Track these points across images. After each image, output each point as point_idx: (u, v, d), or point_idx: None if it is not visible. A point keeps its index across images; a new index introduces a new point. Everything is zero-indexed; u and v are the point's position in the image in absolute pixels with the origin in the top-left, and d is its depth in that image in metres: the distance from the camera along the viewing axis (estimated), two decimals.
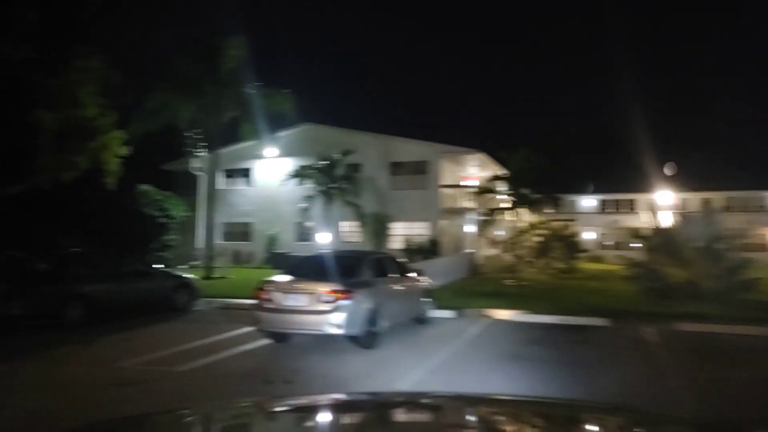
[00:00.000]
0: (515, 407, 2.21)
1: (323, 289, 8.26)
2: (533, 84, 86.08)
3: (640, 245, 18.56)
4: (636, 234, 19.45)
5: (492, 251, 27.27)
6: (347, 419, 2.08)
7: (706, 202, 42.55)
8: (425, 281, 11.56)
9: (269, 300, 8.63)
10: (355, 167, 24.15)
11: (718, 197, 42.66)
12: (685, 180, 39.05)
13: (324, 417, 2.07)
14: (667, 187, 37.19)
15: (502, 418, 2.05)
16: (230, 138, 22.61)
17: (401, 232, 24.90)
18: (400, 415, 2.10)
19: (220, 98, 20.25)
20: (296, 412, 2.14)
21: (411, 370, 7.34)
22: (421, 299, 11.04)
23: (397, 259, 11.27)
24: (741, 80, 69.20)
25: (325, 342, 8.73)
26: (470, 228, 26.55)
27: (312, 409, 2.19)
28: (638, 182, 38.66)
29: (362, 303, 8.50)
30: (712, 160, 41.65)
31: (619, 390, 6.45)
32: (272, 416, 2.08)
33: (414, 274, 11.10)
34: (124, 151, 19.61)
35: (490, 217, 24.44)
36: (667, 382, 6.82)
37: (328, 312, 8.12)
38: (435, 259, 21.24)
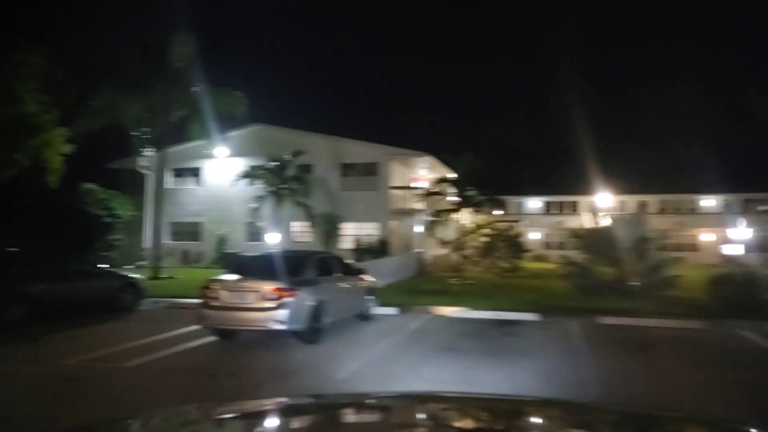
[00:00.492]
0: (515, 407, 2.25)
1: (268, 287, 8.64)
2: (482, 89, 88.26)
3: (577, 245, 19.76)
4: (573, 234, 20.68)
5: (440, 251, 28.13)
6: (346, 419, 2.08)
7: (641, 205, 45.28)
8: (369, 280, 12.08)
9: (215, 298, 8.93)
10: (306, 168, 24.46)
11: (653, 200, 45.29)
12: (623, 183, 41.28)
13: (322, 417, 2.09)
14: (606, 189, 39.22)
15: (502, 418, 2.06)
16: (179, 137, 22.48)
17: (352, 233, 25.35)
18: (400, 415, 2.09)
19: (168, 97, 20.15)
20: (294, 413, 2.15)
21: (350, 363, 7.83)
22: (365, 297, 11.56)
23: (342, 259, 11.73)
24: (676, 90, 73.27)
25: (270, 338, 9.11)
26: (419, 228, 27.29)
27: (310, 410, 2.19)
28: (581, 185, 40.52)
29: (305, 300, 8.93)
30: (649, 164, 44.20)
31: (534, 375, 7.16)
32: (270, 416, 2.08)
33: (358, 273, 11.60)
34: (67, 148, 19.25)
35: (438, 218, 25.23)
36: (579, 368, 7.58)
37: (272, 309, 8.50)
38: (384, 259, 21.81)
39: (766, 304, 12.11)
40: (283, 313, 8.47)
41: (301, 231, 24.95)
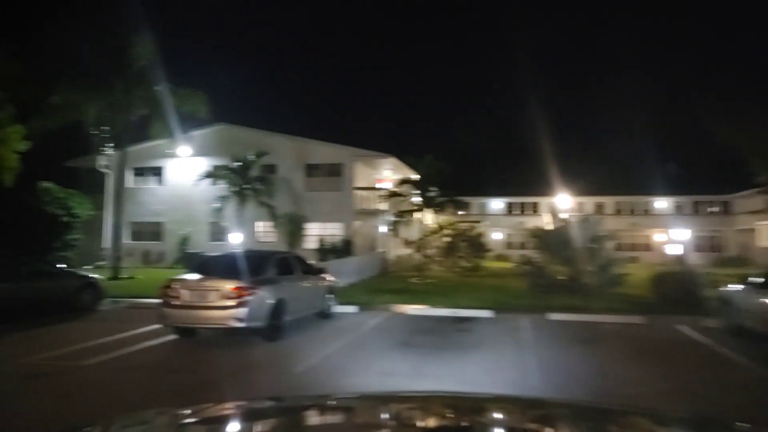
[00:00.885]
0: (514, 407, 2.27)
1: (228, 286, 8.86)
2: (447, 92, 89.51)
3: (534, 245, 20.48)
4: (532, 234, 21.40)
5: (403, 251, 28.62)
6: (344, 419, 2.09)
7: (599, 206, 46.88)
8: (329, 279, 12.39)
9: (176, 297, 9.09)
10: (270, 168, 24.58)
11: (609, 201, 46.93)
12: (581, 185, 42.69)
13: (321, 417, 2.09)
14: (565, 191, 40.52)
15: (502, 418, 2.06)
16: (141, 136, 22.30)
17: (316, 233, 25.56)
18: (399, 415, 2.09)
19: (129, 96, 19.99)
20: (292, 413, 2.16)
21: (308, 358, 8.14)
22: (326, 296, 11.87)
23: (302, 259, 11.99)
24: (632, 96, 75.90)
25: (230, 336, 9.34)
26: (383, 229, 27.71)
27: (307, 410, 2.20)
28: (541, 186, 41.68)
29: (266, 299, 9.19)
30: (606, 167, 45.78)
31: (480, 366, 7.62)
32: (268, 416, 2.09)
33: (319, 273, 11.90)
34: (23, 146, 18.90)
35: (401, 218, 25.70)
36: (523, 359, 8.08)
37: (232, 307, 8.73)
38: (347, 259, 22.12)
39: (702, 301, 12.96)
40: (243, 311, 8.71)
41: (265, 231, 25.04)
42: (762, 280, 9.53)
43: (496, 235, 46.88)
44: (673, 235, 35.74)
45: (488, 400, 2.47)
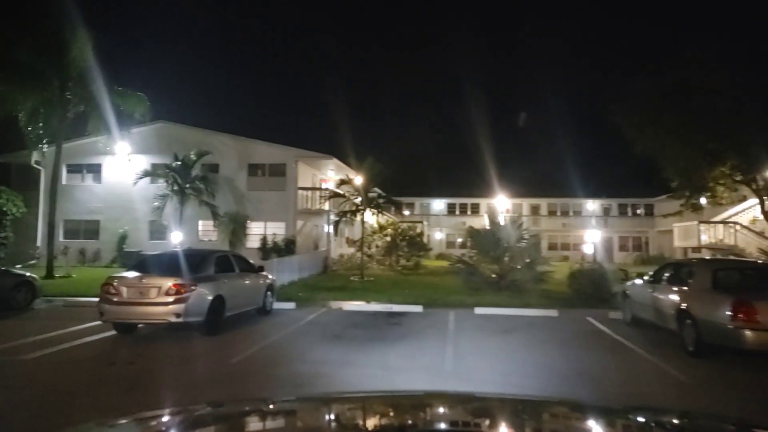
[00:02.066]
0: (514, 406, 2.28)
1: (167, 282, 9.26)
2: (392, 95, 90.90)
3: (468, 244, 21.63)
4: (468, 234, 22.50)
5: (346, 250, 29.31)
6: (342, 419, 2.07)
7: (534, 207, 49.16)
8: (268, 277, 12.89)
9: (116, 294, 9.40)
10: (212, 167, 24.63)
11: (544, 203, 49.31)
12: (518, 187, 44.74)
13: (318, 417, 2.09)
14: (504, 192, 42.35)
15: (501, 418, 2.07)
16: (78, 132, 21.89)
17: (259, 232, 25.79)
18: (398, 415, 2.10)
19: (65, 92, 19.65)
20: (291, 412, 2.17)
21: (245, 350, 8.66)
22: (265, 293, 12.36)
23: (241, 257, 12.43)
24: (565, 105, 79.69)
25: (170, 331, 9.74)
26: (327, 228, 28.24)
27: (306, 409, 2.21)
28: (482, 188, 43.35)
29: (204, 295, 9.64)
30: (541, 170, 48.07)
31: (404, 355, 8.41)
32: (268, 416, 2.10)
33: (258, 271, 12.38)
34: None
35: (343, 218, 26.30)
36: (444, 348, 8.92)
37: (171, 303, 9.14)
38: (290, 257, 22.54)
39: (611, 295, 14.33)
40: (181, 307, 9.13)
41: (207, 230, 25.06)
42: (652, 276, 10.82)
43: (438, 235, 48.37)
44: (590, 236, 38.13)
45: (488, 400, 2.47)
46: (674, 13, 72.72)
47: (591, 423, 2.04)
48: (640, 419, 2.13)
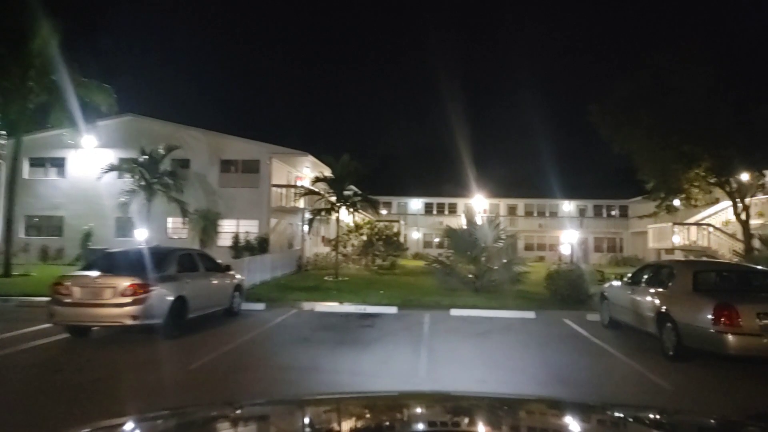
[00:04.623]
0: (513, 406, 2.27)
1: (123, 283, 8.65)
2: (372, 94, 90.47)
3: (445, 244, 21.32)
4: (445, 234, 22.19)
5: (321, 249, 28.75)
6: (342, 419, 2.06)
7: (511, 208, 49.26)
8: (236, 277, 12.32)
9: (67, 294, 8.76)
10: (182, 163, 23.84)
11: (521, 203, 49.44)
12: (496, 187, 44.75)
13: (317, 417, 2.07)
14: (481, 192, 42.26)
15: (501, 417, 2.06)
16: (41, 124, 20.94)
17: (231, 230, 25.10)
18: (399, 415, 2.09)
19: (26, 81, 18.71)
20: (291, 413, 2.15)
21: (206, 354, 8.12)
22: (232, 293, 11.80)
23: (207, 255, 11.85)
24: (544, 106, 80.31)
25: (128, 334, 9.12)
26: (301, 227, 27.65)
27: (305, 409, 2.18)
28: (460, 188, 43.21)
29: (165, 296, 9.06)
30: (519, 171, 48.20)
31: (374, 359, 7.98)
32: (268, 416, 2.09)
33: (224, 270, 11.80)
34: None
35: (319, 216, 25.77)
36: (417, 351, 8.51)
37: (127, 305, 8.54)
38: (262, 256, 21.93)
39: (588, 296, 14.14)
40: (138, 309, 8.54)
41: (176, 227, 24.27)
42: (630, 278, 10.59)
43: (416, 234, 48.10)
44: (567, 236, 38.29)
45: (488, 400, 2.44)
46: (651, 14, 73.81)
47: (580, 421, 2.03)
48: (622, 415, 2.12)
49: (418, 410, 2.18)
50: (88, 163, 24.51)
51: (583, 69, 77.55)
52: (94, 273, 9.24)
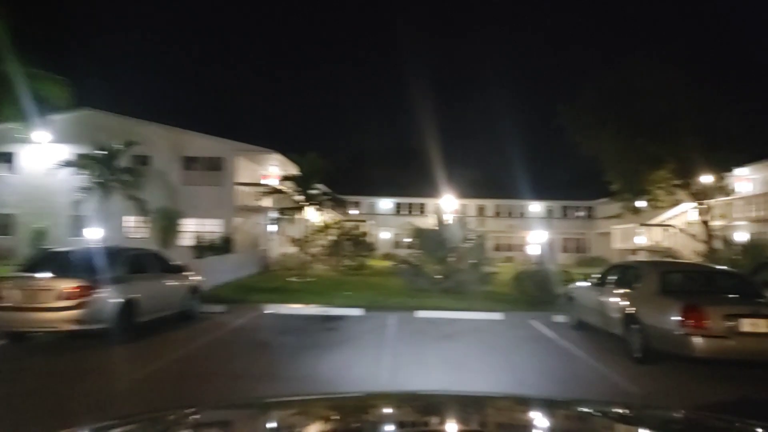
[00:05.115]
0: (506, 406, 2.25)
1: (65, 285, 8.05)
2: (341, 93, 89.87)
3: (413, 244, 21.02)
4: (413, 234, 21.94)
5: (287, 249, 28.13)
6: (341, 419, 2.03)
7: (480, 208, 49.46)
8: (193, 278, 11.75)
9: (4, 298, 8.11)
10: (142, 159, 22.95)
11: (490, 204, 49.68)
12: (465, 188, 44.80)
13: (317, 417, 2.05)
14: (450, 193, 42.24)
15: (499, 417, 2.06)
16: None
17: (194, 229, 24.33)
18: (398, 415, 2.06)
19: None
20: (291, 412, 2.11)
21: (154, 361, 7.60)
22: (188, 295, 11.22)
23: (161, 256, 11.26)
24: (513, 107, 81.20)
25: (72, 340, 8.50)
26: (267, 226, 27.03)
27: (305, 409, 2.16)
28: (429, 188, 43.09)
29: (112, 299, 8.48)
30: (488, 172, 48.45)
31: (336, 364, 7.59)
32: (268, 416, 2.04)
33: (180, 271, 11.23)
34: None
35: (285, 215, 25.21)
36: (380, 355, 8.16)
37: (69, 308, 7.94)
38: (226, 256, 21.30)
39: (555, 297, 14.03)
40: (80, 313, 7.95)
41: (135, 226, 23.36)
42: (597, 279, 10.45)
43: (385, 235, 47.81)
44: (534, 237, 38.64)
45: (488, 400, 2.45)
46: (620, 17, 75.36)
47: (589, 422, 2.04)
48: (638, 418, 2.12)
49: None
50: (42, 159, 23.36)
51: (552, 70, 78.72)
52: (35, 274, 8.59)
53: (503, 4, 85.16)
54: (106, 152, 21.03)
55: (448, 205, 39.05)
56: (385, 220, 48.68)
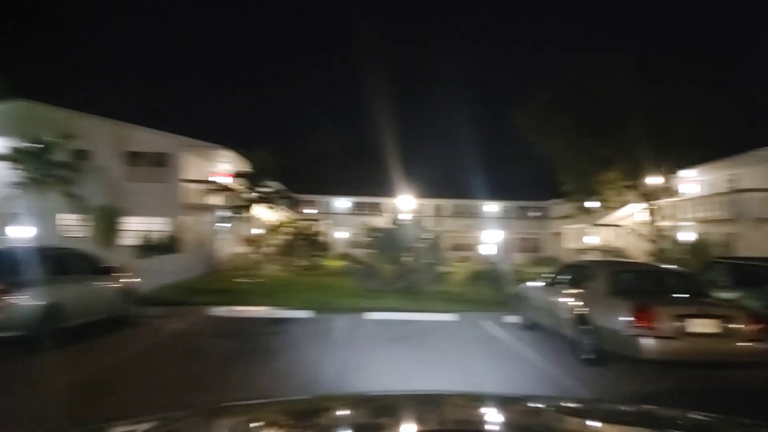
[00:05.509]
0: (514, 406, 2.23)
1: None
2: (297, 93, 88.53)
3: (367, 244, 20.63)
4: (367, 233, 21.55)
5: (239, 249, 27.24)
6: (341, 419, 2.02)
7: (437, 208, 49.57)
8: (128, 279, 10.99)
9: None
10: (81, 154, 21.63)
11: (448, 204, 49.86)
12: (422, 187, 44.74)
13: (318, 417, 2.04)
14: (407, 192, 42.10)
15: (502, 417, 2.03)
16: None
17: (139, 228, 23.16)
18: (398, 415, 2.05)
19: None
20: (291, 413, 2.13)
21: (71, 375, 6.88)
22: (122, 298, 10.47)
23: (89, 255, 10.46)
24: (471, 108, 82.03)
25: None
26: (219, 225, 26.07)
27: (304, 410, 2.17)
28: (386, 187, 42.83)
29: (28, 303, 7.73)
30: (445, 172, 48.60)
31: (275, 372, 7.10)
32: (269, 416, 2.04)
33: (113, 272, 10.46)
34: None
35: (236, 214, 24.37)
36: (324, 361, 7.72)
37: None
38: (171, 256, 20.38)
39: (508, 297, 13.90)
40: None
41: (73, 225, 22.05)
42: (549, 279, 10.32)
43: (342, 234, 47.24)
44: (489, 237, 39.00)
45: (488, 399, 2.43)
46: (574, 20, 77.05)
47: (589, 422, 2.05)
48: (638, 418, 2.10)
49: (419, 409, 2.12)
50: None
51: (509, 71, 79.82)
52: None
53: (459, 6, 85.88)
54: (42, 146, 19.69)
55: (405, 205, 38.95)
56: (342, 220, 48.11)
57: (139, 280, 11.68)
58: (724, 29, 60.33)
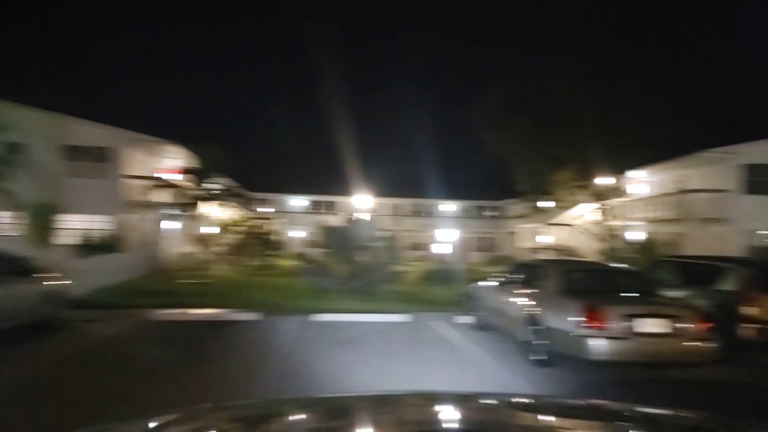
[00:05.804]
0: (504, 405, 2.25)
1: None
2: (252, 89, 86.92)
3: (320, 244, 20.13)
4: (322, 232, 21.04)
5: (188, 248, 26.21)
6: (340, 420, 1.99)
7: (395, 207, 49.42)
8: (55, 281, 10.16)
9: None
10: (14, 147, 20.25)
11: (405, 203, 49.77)
12: (380, 186, 44.47)
13: (318, 417, 2.04)
14: (365, 191, 41.74)
15: (502, 417, 2.06)
16: None
17: (80, 226, 21.90)
18: (399, 415, 2.06)
19: None
20: (292, 412, 2.14)
21: None
22: (45, 301, 9.64)
23: (6, 254, 9.58)
24: (428, 108, 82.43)
25: None
26: (165, 223, 24.99)
27: (304, 410, 2.17)
28: (343, 186, 42.32)
29: None
30: (402, 171, 48.46)
31: (213, 379, 6.58)
32: (269, 416, 2.04)
33: (36, 272, 9.63)
34: None
35: (184, 212, 23.39)
36: (266, 366, 7.24)
37: None
38: (111, 256, 19.35)
39: (460, 297, 13.70)
40: None
41: (5, 223, 20.65)
42: (501, 278, 10.12)
43: (298, 234, 46.40)
44: (444, 236, 39.15)
45: (488, 399, 2.46)
46: (529, 20, 78.27)
47: (588, 422, 2.04)
48: (638, 417, 2.08)
49: (420, 409, 2.15)
50: None
51: (467, 71, 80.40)
52: None
53: (417, 5, 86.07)
54: None
55: (361, 204, 38.57)
56: (298, 219, 47.29)
57: (69, 281, 10.83)
58: (675, 30, 62.53)
